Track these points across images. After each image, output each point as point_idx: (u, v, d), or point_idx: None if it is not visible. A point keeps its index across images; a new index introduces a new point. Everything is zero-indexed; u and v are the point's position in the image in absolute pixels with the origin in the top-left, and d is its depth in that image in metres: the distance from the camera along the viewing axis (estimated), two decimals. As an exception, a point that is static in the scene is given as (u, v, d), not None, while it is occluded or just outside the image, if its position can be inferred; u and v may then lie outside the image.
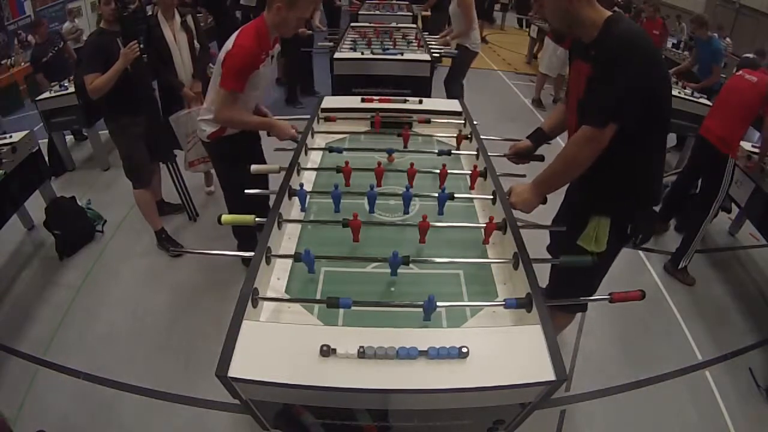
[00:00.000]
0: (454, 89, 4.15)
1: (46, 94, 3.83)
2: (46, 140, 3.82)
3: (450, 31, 4.29)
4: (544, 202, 1.56)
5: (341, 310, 1.20)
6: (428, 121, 2.32)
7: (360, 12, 5.70)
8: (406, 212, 1.66)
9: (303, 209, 1.67)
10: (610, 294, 1.28)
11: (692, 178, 3.09)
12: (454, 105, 2.48)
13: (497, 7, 10.04)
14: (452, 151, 2.03)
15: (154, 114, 2.93)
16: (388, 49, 3.77)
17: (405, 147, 2.07)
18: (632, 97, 1.28)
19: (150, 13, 3.03)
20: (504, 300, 1.19)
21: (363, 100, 2.42)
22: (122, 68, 2.46)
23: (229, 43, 1.95)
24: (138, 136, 2.74)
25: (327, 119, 2.34)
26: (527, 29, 8.68)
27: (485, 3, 7.88)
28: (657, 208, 1.66)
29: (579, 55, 1.47)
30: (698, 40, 4.80)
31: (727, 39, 8.11)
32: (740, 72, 2.81)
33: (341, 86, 3.48)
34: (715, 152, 2.72)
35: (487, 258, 1.47)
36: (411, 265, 1.34)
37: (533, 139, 1.87)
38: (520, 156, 1.90)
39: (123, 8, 2.49)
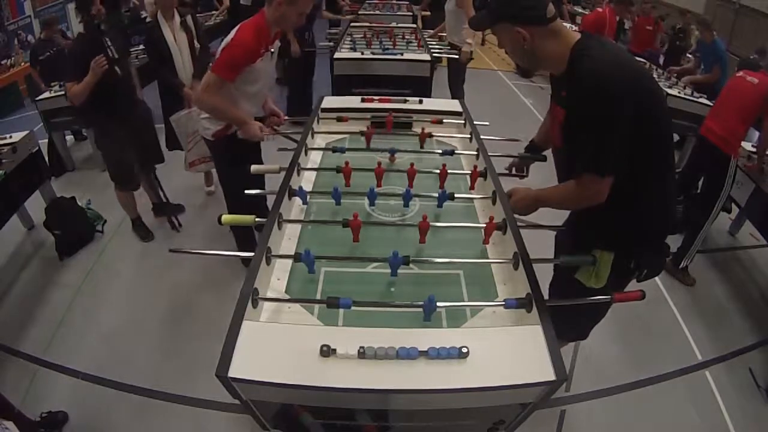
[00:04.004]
0: (457, 90, 4.15)
1: (46, 94, 3.83)
2: (46, 140, 3.82)
3: (443, 28, 4.29)
4: None
5: (341, 310, 1.20)
6: (440, 122, 2.31)
7: (360, 12, 5.70)
8: (405, 206, 1.66)
9: (305, 203, 1.67)
10: (610, 294, 1.28)
11: (693, 178, 3.09)
12: (454, 105, 2.48)
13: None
14: (454, 152, 2.03)
15: (139, 120, 2.86)
16: (388, 49, 3.77)
17: (368, 146, 2.06)
18: (616, 145, 1.19)
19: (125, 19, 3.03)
20: (504, 300, 1.19)
21: (363, 100, 2.42)
22: (93, 81, 2.45)
23: (229, 36, 1.97)
24: (121, 141, 2.73)
25: (339, 119, 2.33)
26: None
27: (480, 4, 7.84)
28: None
29: (554, 93, 1.40)
30: (701, 42, 4.78)
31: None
32: (741, 73, 2.81)
33: (341, 86, 3.48)
34: (717, 153, 2.72)
35: (487, 258, 1.47)
36: (411, 265, 1.34)
37: (528, 152, 1.86)
38: (521, 168, 1.91)
39: (90, 20, 2.48)
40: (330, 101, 2.46)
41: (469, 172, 1.81)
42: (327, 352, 0.99)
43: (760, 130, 2.86)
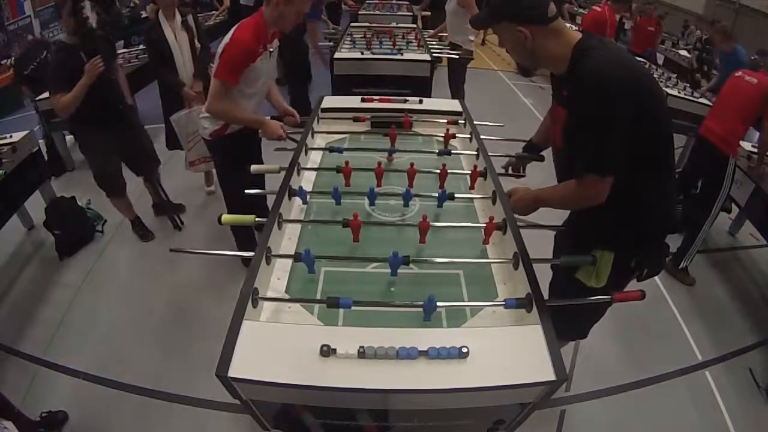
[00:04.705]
0: (458, 90, 4.16)
1: (46, 94, 3.81)
2: (43, 141, 3.80)
3: (443, 28, 4.30)
4: None
5: (341, 310, 1.20)
6: (455, 122, 2.31)
7: (360, 12, 5.70)
8: (405, 206, 1.66)
9: (305, 203, 1.67)
10: (610, 294, 1.28)
11: (692, 178, 3.09)
12: (454, 105, 2.48)
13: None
14: (452, 152, 2.03)
15: (128, 126, 2.82)
16: (388, 49, 3.77)
17: (392, 146, 2.05)
18: (617, 145, 1.19)
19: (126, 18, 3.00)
20: (504, 300, 1.19)
21: (363, 100, 2.42)
22: (88, 84, 2.41)
23: (227, 37, 1.97)
24: (108, 149, 2.72)
25: (356, 119, 2.32)
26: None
27: (483, 3, 7.85)
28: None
29: (555, 93, 1.40)
30: (722, 52, 4.62)
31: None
32: (740, 73, 2.81)
33: (341, 86, 3.48)
34: (717, 152, 2.72)
35: (487, 258, 1.47)
36: (411, 265, 1.34)
37: (526, 152, 1.87)
38: (517, 167, 1.91)
39: (82, 23, 2.46)
40: (330, 101, 2.46)
41: (469, 172, 1.81)
42: (327, 352, 0.99)
43: (760, 130, 2.86)
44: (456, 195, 1.63)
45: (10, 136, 2.96)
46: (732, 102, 2.73)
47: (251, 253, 1.28)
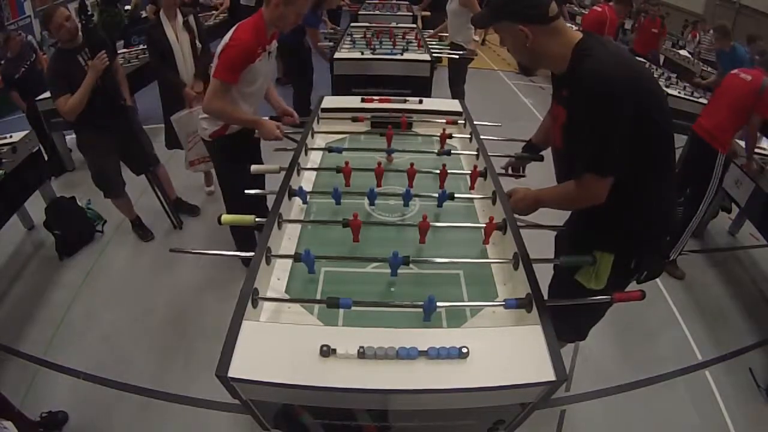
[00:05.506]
0: (458, 90, 4.16)
1: (46, 95, 3.81)
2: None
3: (444, 28, 4.31)
4: None
5: (341, 310, 1.20)
6: (455, 123, 2.30)
7: (360, 12, 5.71)
8: (405, 206, 1.66)
9: (305, 203, 1.67)
10: (611, 294, 1.28)
11: (688, 178, 3.08)
12: (454, 105, 2.48)
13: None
14: (452, 152, 2.03)
15: (127, 126, 2.81)
16: (388, 49, 3.77)
17: (389, 147, 2.04)
18: (617, 145, 1.18)
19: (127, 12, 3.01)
20: (504, 300, 1.19)
21: (363, 100, 2.42)
22: (94, 81, 2.41)
23: (226, 37, 1.97)
24: (106, 148, 2.72)
25: (354, 119, 2.32)
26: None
27: (484, 3, 7.85)
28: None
29: (555, 92, 1.40)
30: (720, 51, 4.60)
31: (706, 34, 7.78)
32: (736, 71, 2.81)
33: (341, 86, 3.48)
34: (707, 147, 2.72)
35: (487, 258, 1.47)
36: (411, 265, 1.34)
37: (525, 152, 1.87)
38: (517, 167, 1.91)
39: (88, 21, 2.48)
40: (330, 101, 2.46)
41: (469, 172, 1.81)
42: (327, 352, 0.99)
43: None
44: (456, 195, 1.63)
45: (10, 136, 2.96)
46: (726, 99, 2.73)
47: (251, 253, 1.28)
